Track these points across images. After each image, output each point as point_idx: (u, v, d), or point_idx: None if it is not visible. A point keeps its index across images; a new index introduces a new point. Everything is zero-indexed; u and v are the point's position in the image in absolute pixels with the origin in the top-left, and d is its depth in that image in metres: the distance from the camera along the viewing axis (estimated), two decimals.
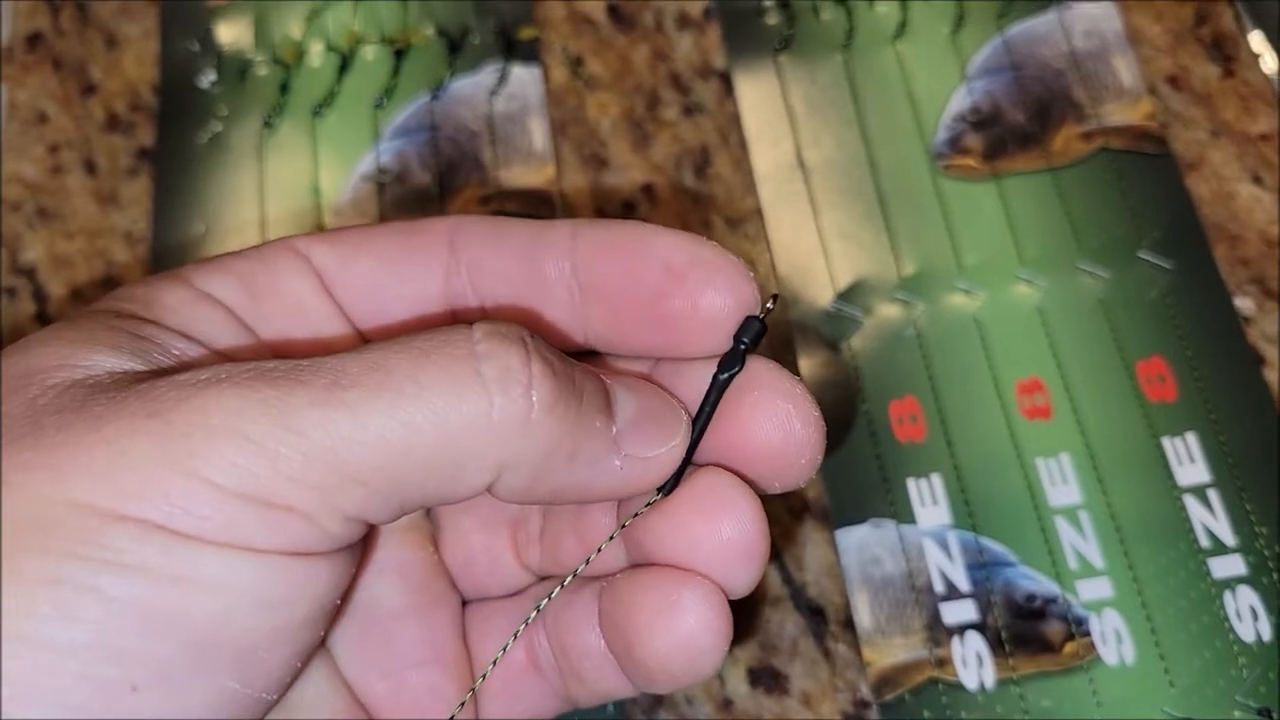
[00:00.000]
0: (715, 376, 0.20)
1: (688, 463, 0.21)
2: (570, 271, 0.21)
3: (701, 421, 0.20)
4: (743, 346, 0.20)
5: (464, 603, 0.24)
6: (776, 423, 0.20)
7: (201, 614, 0.16)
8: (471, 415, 0.17)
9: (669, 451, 0.20)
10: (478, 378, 0.17)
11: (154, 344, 0.19)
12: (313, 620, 0.18)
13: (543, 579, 0.24)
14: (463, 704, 0.22)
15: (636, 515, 0.21)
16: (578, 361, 0.20)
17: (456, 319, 0.22)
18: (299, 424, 0.17)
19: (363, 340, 0.22)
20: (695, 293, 0.20)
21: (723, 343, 0.20)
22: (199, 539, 0.16)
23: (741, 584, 0.20)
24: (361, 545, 0.20)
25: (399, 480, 0.17)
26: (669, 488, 0.20)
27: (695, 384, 0.21)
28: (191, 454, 0.16)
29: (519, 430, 0.18)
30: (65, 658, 0.16)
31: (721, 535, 0.20)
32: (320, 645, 0.21)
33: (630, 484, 0.20)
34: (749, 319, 0.20)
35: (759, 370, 0.21)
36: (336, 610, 0.19)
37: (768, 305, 0.21)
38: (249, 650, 0.17)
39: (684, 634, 0.20)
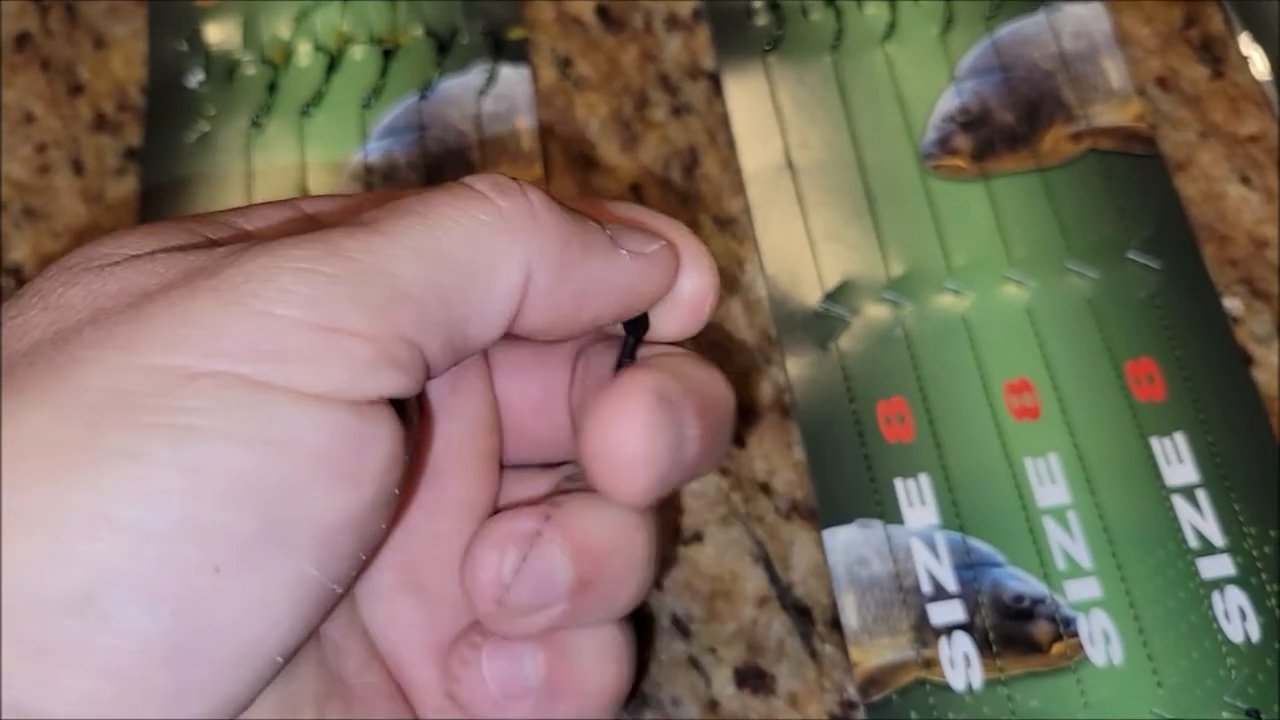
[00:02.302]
0: (627, 332, 0.22)
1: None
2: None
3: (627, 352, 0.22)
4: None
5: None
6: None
7: (278, 480, 0.16)
8: (485, 219, 0.18)
9: (661, 248, 0.21)
10: (478, 194, 0.19)
11: (221, 225, 0.20)
12: (378, 505, 0.18)
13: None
14: None
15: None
16: None
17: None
18: (344, 250, 0.17)
19: None
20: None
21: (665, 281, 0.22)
22: (271, 385, 0.16)
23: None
24: (417, 434, 0.21)
25: (444, 289, 0.18)
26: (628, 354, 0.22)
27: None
28: (253, 294, 0.16)
29: (530, 222, 0.19)
30: (148, 539, 0.16)
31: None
32: (383, 539, 0.21)
33: (645, 277, 0.21)
34: None
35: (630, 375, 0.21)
36: (396, 505, 0.19)
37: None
38: (324, 531, 0.17)
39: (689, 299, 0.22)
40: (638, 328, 0.22)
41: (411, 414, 0.20)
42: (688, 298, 0.22)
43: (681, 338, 0.23)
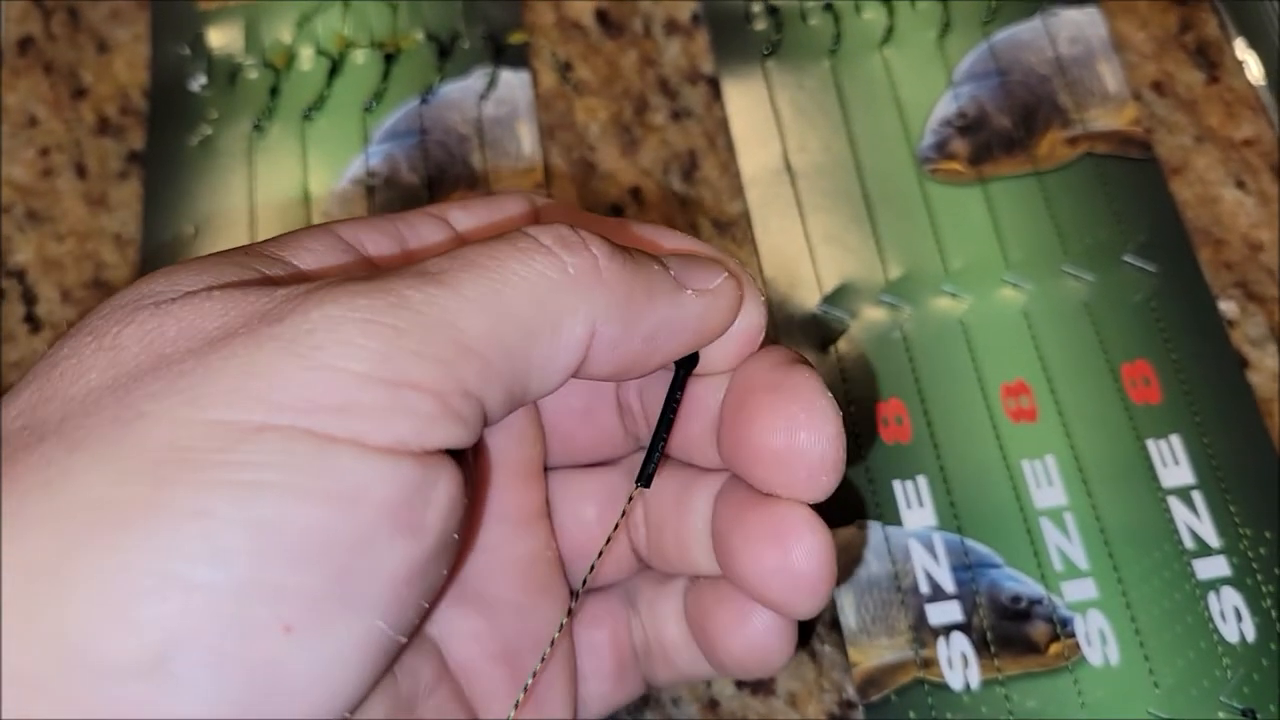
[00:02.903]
0: (676, 367, 0.21)
1: (660, 452, 0.21)
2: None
3: (667, 414, 0.21)
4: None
5: (573, 593, 0.24)
6: (780, 425, 0.21)
7: (346, 535, 0.16)
8: (551, 274, 0.18)
9: (725, 280, 0.21)
10: (543, 247, 0.19)
11: (272, 260, 0.20)
12: (440, 552, 0.18)
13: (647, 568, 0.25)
14: (516, 704, 0.22)
15: (624, 514, 0.22)
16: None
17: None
18: (409, 302, 0.17)
19: None
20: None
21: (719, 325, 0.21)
22: (336, 439, 0.16)
23: (804, 611, 0.21)
24: (474, 478, 0.21)
25: (507, 345, 0.18)
26: (646, 479, 0.21)
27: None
28: (318, 346, 0.16)
29: (595, 278, 0.19)
30: (218, 599, 0.15)
31: (788, 565, 0.21)
32: (445, 585, 0.21)
33: (711, 313, 0.21)
34: None
35: (786, 371, 0.21)
36: (456, 550, 0.19)
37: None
38: (391, 584, 0.17)
39: (753, 642, 0.22)
40: (688, 362, 0.22)
41: (469, 459, 0.20)
42: (741, 332, 0.22)
43: (730, 369, 0.22)
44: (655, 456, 0.21)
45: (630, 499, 0.22)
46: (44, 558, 0.15)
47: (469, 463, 0.20)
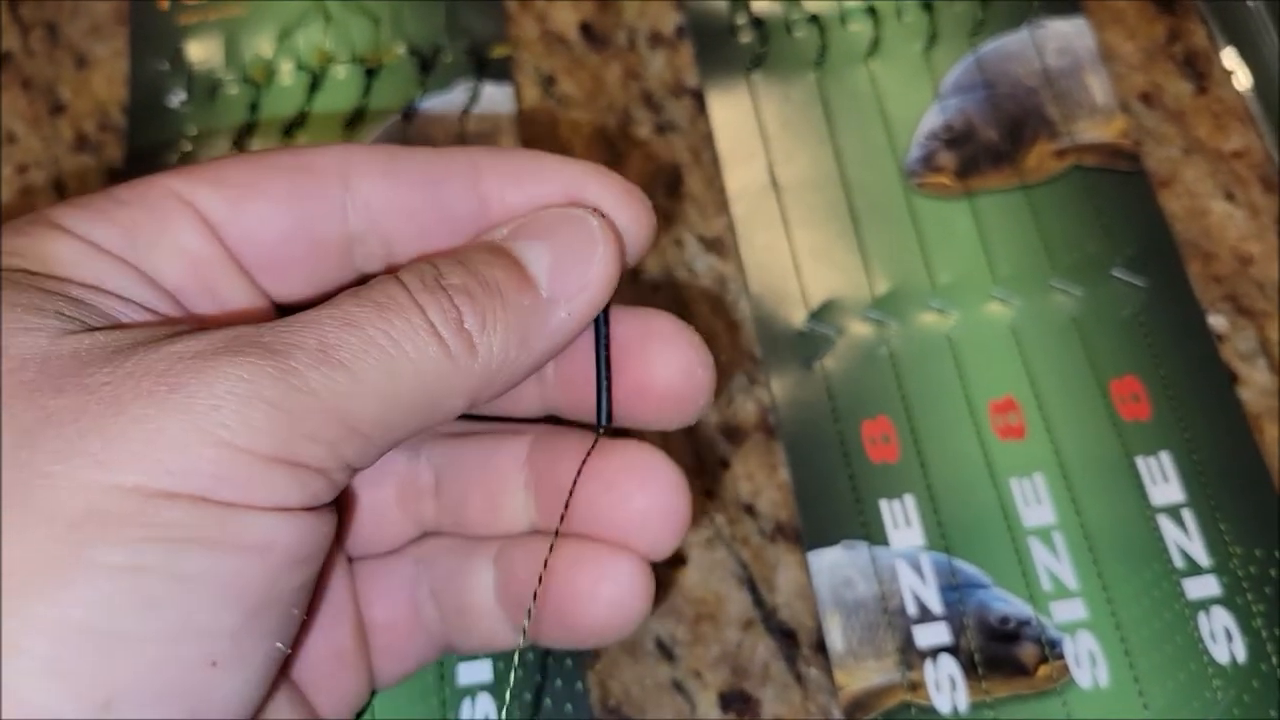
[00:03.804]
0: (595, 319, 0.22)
1: (607, 393, 0.22)
2: (477, 205, 0.22)
3: (600, 356, 0.22)
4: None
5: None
6: (679, 366, 0.23)
7: (258, 579, 0.18)
8: (438, 361, 0.19)
9: (597, 269, 0.21)
10: (430, 328, 0.19)
11: (87, 306, 0.19)
12: (317, 573, 0.20)
13: (425, 535, 0.25)
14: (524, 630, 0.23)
15: (585, 460, 0.23)
16: (478, 242, 0.21)
17: (362, 276, 0.23)
18: (309, 385, 0.18)
19: (270, 304, 0.22)
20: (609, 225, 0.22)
21: (628, 265, 0.22)
22: (244, 505, 0.17)
23: (666, 550, 0.23)
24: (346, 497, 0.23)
25: (391, 425, 0.19)
26: (606, 421, 0.22)
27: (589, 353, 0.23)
28: (224, 425, 0.17)
29: (471, 358, 0.20)
30: (148, 644, 0.16)
31: (656, 505, 0.23)
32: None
33: (580, 320, 0.21)
34: None
35: (662, 322, 0.23)
36: (328, 557, 0.21)
37: None
38: (287, 609, 0.19)
39: (618, 604, 0.23)
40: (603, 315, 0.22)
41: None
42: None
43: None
44: (605, 397, 0.22)
45: (594, 444, 0.23)
46: None
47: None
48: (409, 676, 0.26)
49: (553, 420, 0.25)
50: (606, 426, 0.23)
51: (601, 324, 0.22)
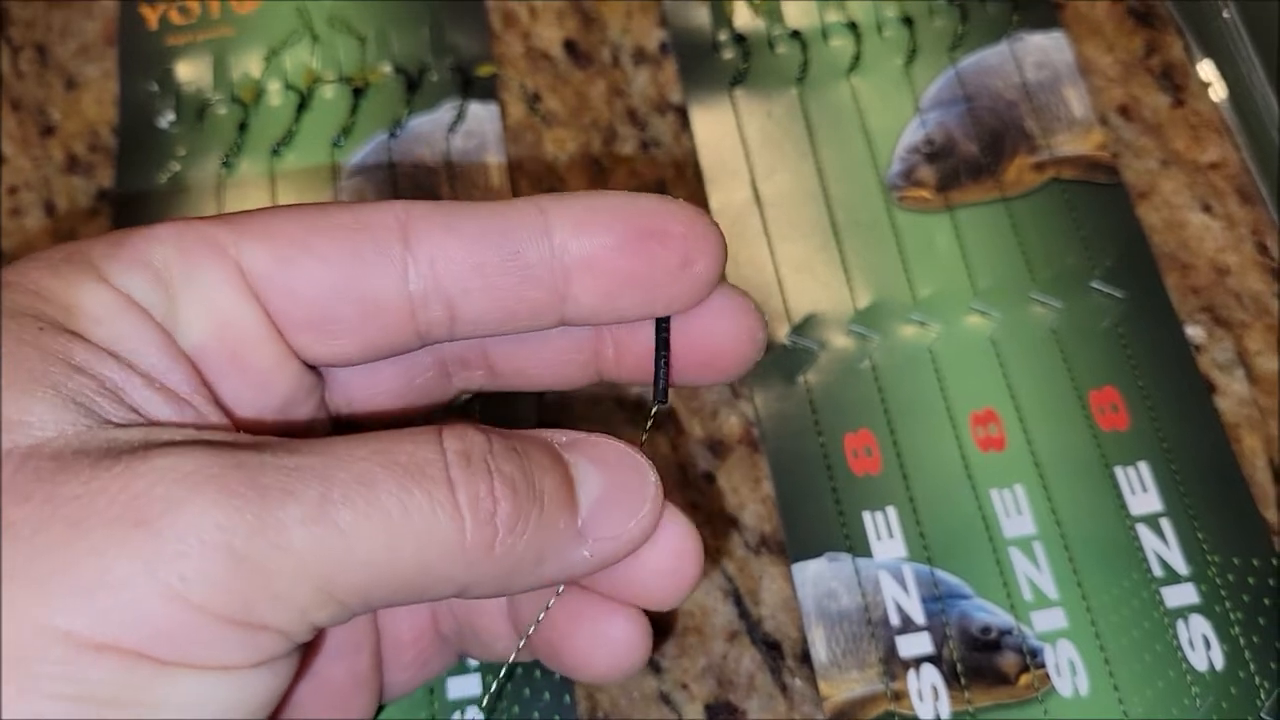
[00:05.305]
0: (657, 323, 0.22)
1: (665, 376, 0.22)
2: (551, 252, 0.20)
3: (663, 361, 0.22)
4: None
5: None
6: (741, 325, 0.22)
7: None
8: (448, 543, 0.18)
9: (638, 524, 0.20)
10: (454, 508, 0.18)
11: (89, 377, 0.18)
12: (270, 706, 0.18)
13: None
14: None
15: (649, 427, 0.24)
16: (539, 439, 0.20)
17: (422, 340, 0.21)
18: (292, 544, 0.16)
19: (301, 369, 0.21)
20: (685, 251, 0.21)
21: (706, 293, 0.21)
22: (178, 664, 0.16)
23: (671, 606, 0.22)
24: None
25: (372, 598, 0.18)
26: (663, 396, 0.22)
27: (648, 328, 0.22)
28: (182, 577, 0.16)
29: (485, 555, 0.18)
30: None
31: (666, 568, 0.21)
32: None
33: (598, 565, 0.20)
34: None
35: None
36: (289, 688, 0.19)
37: None
38: None
39: (617, 658, 0.22)
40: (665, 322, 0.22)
41: None
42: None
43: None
44: (662, 375, 0.22)
45: (653, 416, 0.23)
46: None
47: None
48: (421, 685, 0.26)
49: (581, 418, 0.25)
50: (663, 403, 0.22)
51: (663, 328, 0.22)
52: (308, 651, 0.22)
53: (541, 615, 0.23)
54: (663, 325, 0.22)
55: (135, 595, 0.16)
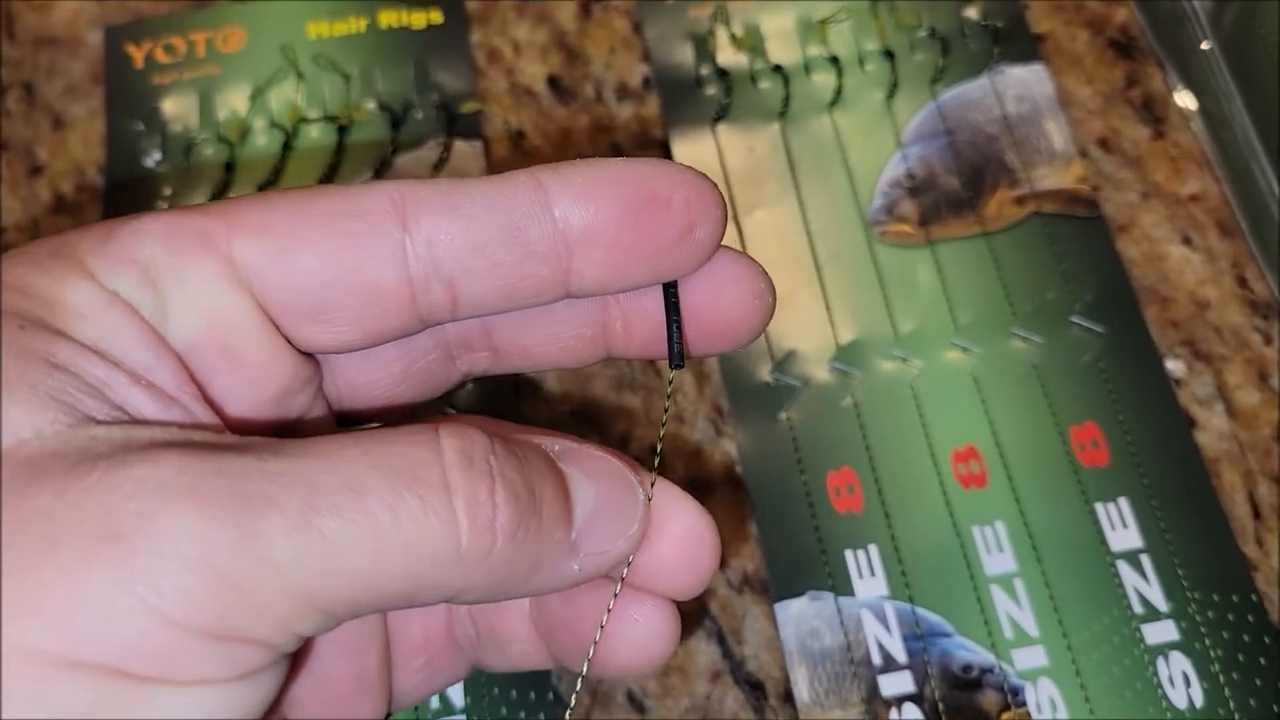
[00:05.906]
0: (664, 288, 0.22)
1: (679, 338, 0.22)
2: (553, 226, 0.20)
3: (675, 325, 0.22)
4: None
5: None
6: (749, 291, 0.22)
7: None
8: (441, 549, 0.17)
9: (626, 542, 0.20)
10: (449, 513, 0.17)
11: (70, 374, 0.17)
12: (259, 712, 0.18)
13: None
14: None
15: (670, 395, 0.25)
16: (539, 447, 0.20)
17: (424, 323, 0.20)
18: (273, 556, 0.16)
19: (296, 359, 0.20)
20: (687, 217, 0.20)
21: (709, 255, 0.21)
22: (157, 680, 0.16)
23: (691, 594, 0.22)
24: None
25: (358, 606, 0.17)
26: (679, 360, 0.22)
27: (655, 297, 0.22)
28: (159, 592, 0.15)
29: (479, 563, 0.18)
30: None
31: (683, 556, 0.21)
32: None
33: (583, 579, 0.20)
34: None
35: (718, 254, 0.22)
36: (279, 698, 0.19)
37: None
38: None
39: (644, 647, 0.22)
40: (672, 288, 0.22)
41: None
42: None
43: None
44: (676, 339, 0.22)
45: (671, 381, 0.23)
46: None
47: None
48: (433, 694, 0.25)
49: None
50: (679, 367, 0.22)
51: (671, 294, 0.22)
52: (300, 653, 0.22)
53: (604, 619, 0.22)
54: (670, 290, 0.22)
55: (110, 612, 0.15)
